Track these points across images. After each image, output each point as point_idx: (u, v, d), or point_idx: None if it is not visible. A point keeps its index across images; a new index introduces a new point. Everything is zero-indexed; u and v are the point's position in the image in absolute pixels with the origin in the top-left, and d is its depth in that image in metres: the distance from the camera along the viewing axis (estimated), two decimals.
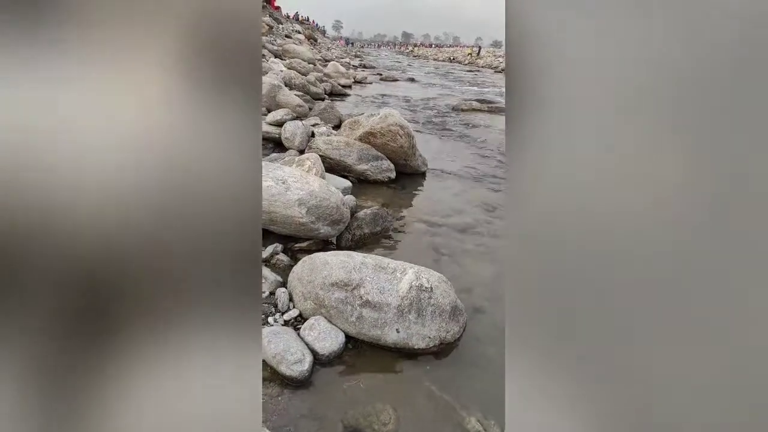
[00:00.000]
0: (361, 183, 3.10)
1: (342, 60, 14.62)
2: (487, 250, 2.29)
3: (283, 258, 1.95)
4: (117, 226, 0.55)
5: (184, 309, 0.58)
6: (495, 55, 29.38)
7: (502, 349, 1.54)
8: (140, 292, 0.57)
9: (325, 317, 1.51)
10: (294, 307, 1.61)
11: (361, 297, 1.47)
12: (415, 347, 1.44)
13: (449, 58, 32.93)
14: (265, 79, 4.77)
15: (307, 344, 1.41)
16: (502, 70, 20.98)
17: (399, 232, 2.42)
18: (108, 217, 0.55)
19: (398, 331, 1.43)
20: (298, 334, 1.45)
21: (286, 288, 1.68)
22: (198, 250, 0.58)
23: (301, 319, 1.56)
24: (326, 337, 1.43)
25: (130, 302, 0.56)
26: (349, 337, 1.48)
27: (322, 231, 2.03)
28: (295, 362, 1.32)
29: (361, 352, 1.47)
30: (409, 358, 1.45)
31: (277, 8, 19.98)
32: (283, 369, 1.31)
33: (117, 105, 0.55)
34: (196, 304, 0.59)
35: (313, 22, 30.57)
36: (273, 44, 10.66)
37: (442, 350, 1.48)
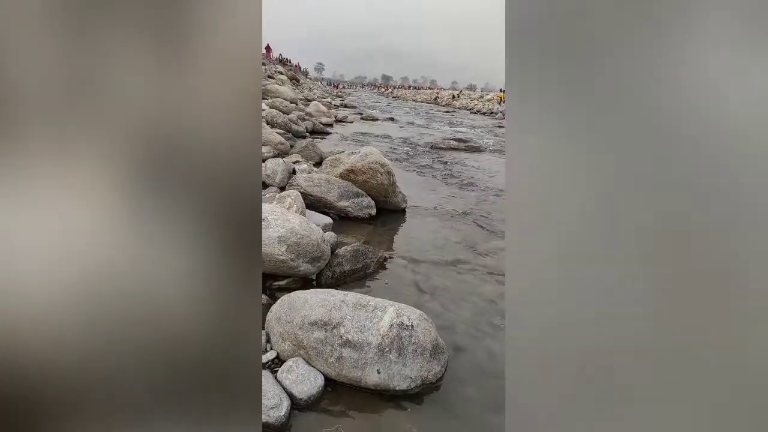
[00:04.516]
0: (342, 220, 3.12)
1: (324, 100, 15.05)
2: (468, 286, 2.30)
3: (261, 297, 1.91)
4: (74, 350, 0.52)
5: None
6: (470, 98, 30.90)
7: (483, 389, 1.52)
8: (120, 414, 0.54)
9: (304, 358, 1.47)
10: (272, 348, 1.55)
11: (341, 336, 1.44)
12: (397, 388, 1.40)
13: (434, 99, 33.96)
14: None
15: (284, 388, 1.36)
16: (477, 111, 22.01)
17: (380, 269, 2.41)
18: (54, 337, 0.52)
19: (379, 372, 1.40)
20: (275, 377, 1.39)
21: (264, 329, 1.63)
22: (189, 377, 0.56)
23: (279, 361, 1.51)
24: (305, 380, 1.38)
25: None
26: (328, 380, 1.44)
27: (302, 268, 2.01)
28: (272, 407, 1.26)
29: (340, 394, 1.42)
30: (390, 400, 1.41)
31: (269, 50, 20.49)
32: None
33: (68, 221, 0.53)
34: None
35: (298, 65, 31.59)
36: None
37: (423, 391, 1.45)
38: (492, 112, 20.45)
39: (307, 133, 7.36)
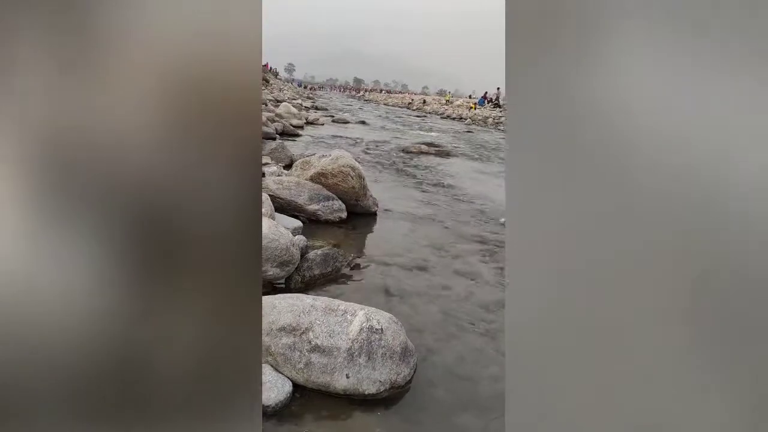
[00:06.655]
0: (312, 223, 3.08)
1: (294, 101, 14.85)
2: (437, 289, 2.34)
3: None
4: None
5: None
6: (440, 103, 31.38)
7: (452, 390, 1.54)
8: None
9: (272, 365, 1.44)
10: None
11: (310, 342, 1.43)
12: (366, 392, 1.40)
13: (407, 104, 33.62)
14: None
15: None
16: (447, 116, 22.41)
17: (350, 273, 2.41)
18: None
19: (348, 377, 1.40)
20: None
21: None
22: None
23: None
24: (272, 388, 1.36)
25: None
26: (296, 386, 1.42)
27: (270, 273, 1.97)
28: None
29: (309, 400, 1.40)
30: (359, 405, 1.41)
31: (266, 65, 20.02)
32: None
33: None
34: None
35: (267, 65, 31.02)
36: None
37: (393, 394, 1.45)
38: (461, 118, 20.87)
39: (277, 135, 7.25)
